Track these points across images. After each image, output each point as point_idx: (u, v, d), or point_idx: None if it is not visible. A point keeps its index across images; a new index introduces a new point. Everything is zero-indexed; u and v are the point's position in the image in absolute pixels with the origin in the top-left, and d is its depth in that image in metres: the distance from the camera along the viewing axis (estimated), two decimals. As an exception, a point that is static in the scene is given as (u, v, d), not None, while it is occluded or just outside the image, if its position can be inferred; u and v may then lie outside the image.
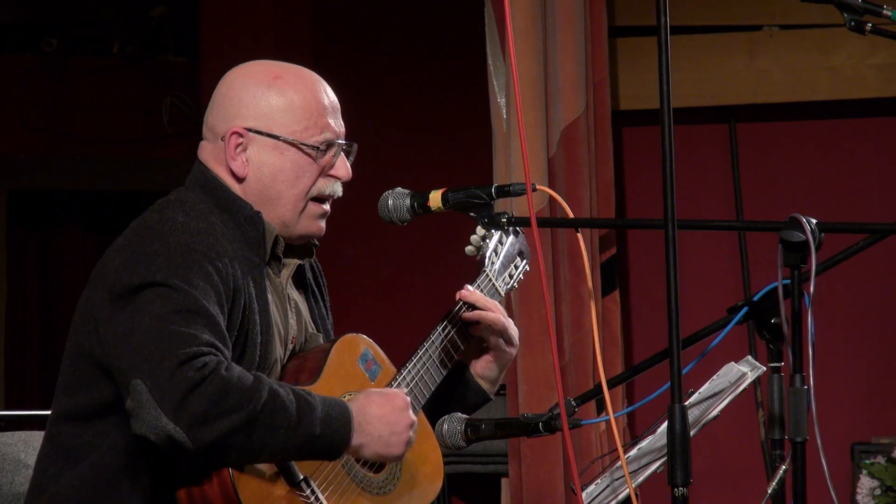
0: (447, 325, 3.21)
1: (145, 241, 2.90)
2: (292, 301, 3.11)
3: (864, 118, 5.90)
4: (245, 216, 3.02)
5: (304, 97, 3.07)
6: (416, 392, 3.14)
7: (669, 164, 2.55)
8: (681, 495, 2.55)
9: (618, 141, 5.78)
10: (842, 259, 3.15)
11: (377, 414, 2.94)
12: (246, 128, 3.04)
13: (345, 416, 2.89)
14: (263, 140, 3.04)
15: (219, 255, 2.90)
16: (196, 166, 3.10)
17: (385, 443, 2.93)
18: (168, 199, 3.04)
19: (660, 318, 3.49)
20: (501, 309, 3.26)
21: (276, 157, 3.05)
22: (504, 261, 3.34)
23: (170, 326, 2.77)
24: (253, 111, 3.05)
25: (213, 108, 3.09)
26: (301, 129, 3.05)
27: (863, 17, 2.99)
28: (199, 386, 2.73)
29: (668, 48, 2.57)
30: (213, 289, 2.86)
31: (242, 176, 3.05)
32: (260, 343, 2.96)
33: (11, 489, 3.31)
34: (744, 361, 3.18)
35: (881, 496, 5.48)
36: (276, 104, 3.05)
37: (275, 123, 3.04)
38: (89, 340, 2.92)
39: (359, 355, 3.12)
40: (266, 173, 3.05)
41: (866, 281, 5.81)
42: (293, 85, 3.07)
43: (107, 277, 2.90)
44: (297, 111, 3.05)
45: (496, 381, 3.34)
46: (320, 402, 2.86)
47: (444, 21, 6.46)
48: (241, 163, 3.04)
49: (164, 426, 2.72)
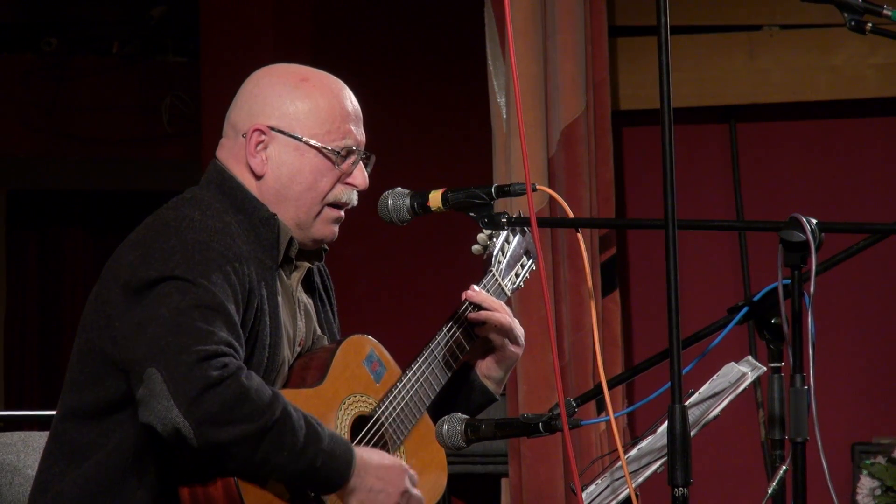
0: (452, 326, 3.21)
1: (161, 236, 2.90)
2: (301, 304, 3.11)
3: (864, 118, 5.90)
4: (260, 218, 3.01)
5: (330, 102, 3.07)
6: (421, 393, 3.14)
7: (669, 164, 2.55)
8: (681, 495, 2.55)
9: (618, 141, 5.78)
10: (842, 259, 3.14)
11: (376, 465, 2.95)
12: (269, 126, 3.04)
13: (347, 455, 2.89)
14: (285, 140, 3.05)
15: (235, 255, 2.91)
16: (212, 165, 3.09)
17: (373, 497, 2.93)
18: (183, 196, 3.03)
19: (660, 318, 3.49)
20: (507, 309, 3.26)
21: (296, 158, 3.05)
22: (510, 260, 3.34)
23: (189, 320, 2.77)
24: (277, 110, 3.05)
25: (237, 106, 3.09)
26: (323, 133, 3.06)
27: (863, 17, 2.99)
28: (217, 386, 2.73)
29: (668, 48, 2.57)
30: (231, 288, 2.86)
31: (261, 174, 3.05)
32: (269, 345, 2.96)
33: (11, 489, 3.30)
34: (744, 361, 3.18)
35: (881, 496, 5.48)
36: (301, 106, 3.05)
37: (298, 124, 3.05)
38: (100, 337, 2.91)
39: (364, 356, 3.12)
40: (284, 173, 3.05)
41: (866, 281, 5.81)
42: (319, 89, 3.08)
43: (120, 273, 2.89)
44: (322, 115, 3.06)
45: (502, 382, 3.34)
46: (328, 437, 2.87)
47: (444, 21, 6.46)
48: (261, 160, 3.04)
49: (174, 418, 2.72)
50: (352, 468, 2.88)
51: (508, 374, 3.35)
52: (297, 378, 3.04)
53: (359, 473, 2.90)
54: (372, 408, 3.09)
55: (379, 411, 3.09)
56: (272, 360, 2.97)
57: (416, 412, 3.13)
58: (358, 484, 2.90)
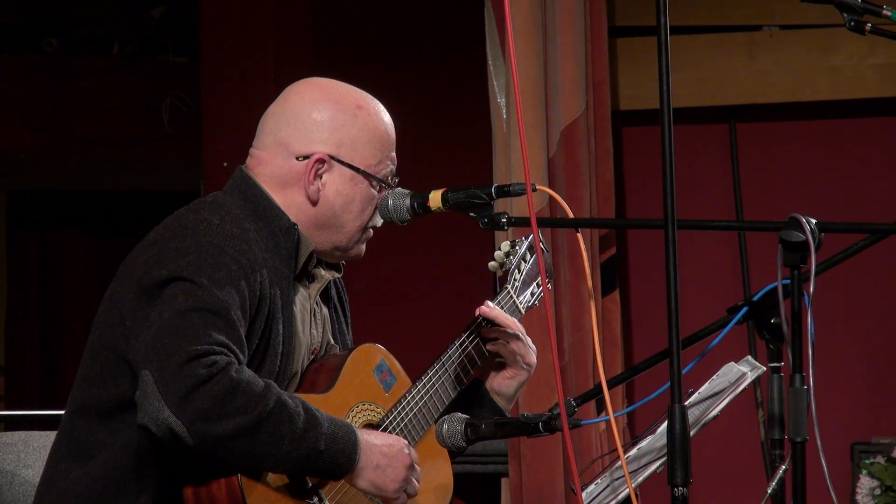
0: (465, 340, 3.20)
1: (177, 237, 2.91)
2: (318, 315, 3.11)
3: (864, 118, 5.90)
4: (281, 227, 3.01)
5: (381, 131, 3.11)
6: (430, 405, 3.14)
7: (669, 164, 2.55)
8: (681, 495, 2.55)
9: (618, 141, 5.78)
10: (842, 259, 3.15)
11: (379, 443, 2.95)
12: (330, 155, 3.04)
13: (351, 436, 2.89)
14: (343, 170, 3.06)
15: (249, 262, 2.91)
16: (239, 173, 3.08)
17: (382, 473, 2.93)
18: (205, 199, 3.04)
19: (660, 318, 3.49)
20: (521, 327, 3.26)
21: (351, 188, 3.07)
22: (526, 278, 3.34)
23: (186, 323, 2.78)
24: (337, 138, 3.06)
25: (289, 125, 3.07)
26: (376, 163, 3.09)
27: (863, 17, 2.99)
28: (206, 383, 2.73)
29: (668, 48, 2.57)
30: (239, 294, 2.86)
31: (315, 200, 3.05)
32: (281, 353, 2.96)
33: (11, 489, 3.30)
34: (744, 361, 3.18)
35: (881, 496, 5.48)
36: (358, 135, 3.07)
37: (357, 155, 3.07)
38: (113, 334, 2.92)
39: (374, 366, 3.12)
40: (339, 203, 3.06)
41: (866, 281, 5.81)
42: (374, 116, 3.11)
43: (135, 271, 2.91)
44: (375, 144, 3.09)
45: (512, 399, 3.32)
46: (327, 420, 2.87)
47: (444, 21, 6.46)
48: (317, 188, 3.05)
49: (166, 418, 2.73)
50: (357, 448, 2.89)
51: (519, 392, 3.33)
52: (307, 384, 3.04)
53: (364, 453, 2.90)
54: (380, 417, 3.09)
55: (387, 421, 3.08)
56: (284, 369, 2.98)
57: (424, 424, 3.13)
58: (366, 463, 2.91)
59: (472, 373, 3.21)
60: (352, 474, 2.90)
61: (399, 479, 2.95)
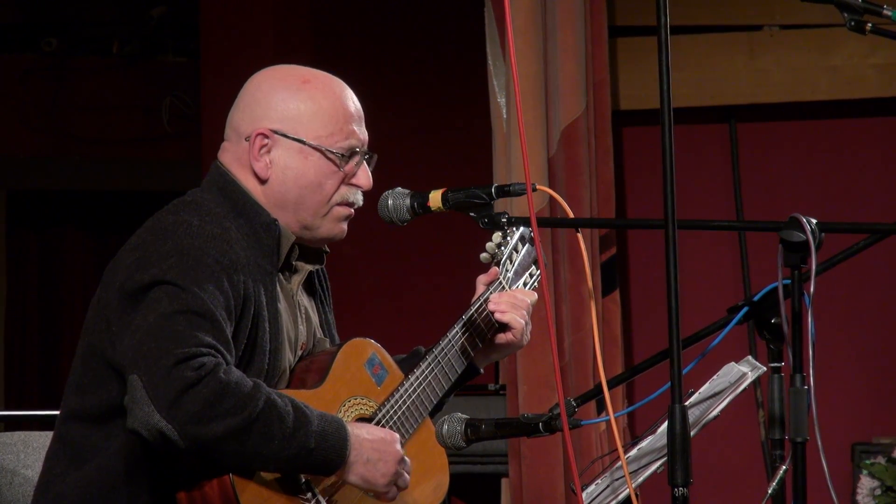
0: (458, 332, 3.21)
1: (158, 240, 2.90)
2: (302, 307, 3.11)
3: (864, 118, 5.90)
4: (261, 223, 3.01)
5: (332, 103, 3.07)
6: (423, 397, 3.14)
7: (669, 164, 2.55)
8: (681, 495, 2.55)
9: (618, 141, 5.79)
10: (842, 259, 3.14)
11: (370, 437, 2.95)
12: (272, 129, 3.04)
13: (341, 432, 2.89)
14: (289, 143, 3.04)
15: (231, 261, 2.90)
16: (214, 167, 3.09)
17: (372, 467, 2.93)
18: (184, 199, 3.03)
19: (660, 318, 3.49)
20: (524, 313, 3.28)
21: (300, 162, 3.05)
22: (518, 269, 3.34)
23: (172, 326, 2.78)
24: (280, 114, 3.04)
25: (239, 109, 3.09)
26: (327, 135, 3.05)
27: (863, 17, 2.99)
28: (195, 386, 2.73)
29: (668, 48, 2.57)
30: (223, 294, 2.86)
31: (265, 178, 3.04)
32: (269, 351, 2.96)
33: (11, 489, 3.30)
34: (744, 361, 3.18)
35: (881, 496, 5.48)
36: (303, 108, 3.05)
37: (301, 127, 3.04)
38: (101, 340, 2.92)
39: (365, 360, 3.12)
40: (289, 177, 3.04)
41: (866, 281, 5.81)
42: (322, 90, 3.07)
43: (118, 276, 2.91)
44: (325, 116, 3.05)
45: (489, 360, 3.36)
46: (317, 417, 2.87)
47: (444, 21, 6.46)
48: (265, 164, 3.04)
49: (157, 423, 2.73)
50: (347, 444, 2.89)
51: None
52: (298, 380, 3.04)
53: (355, 448, 2.91)
54: (372, 411, 3.09)
55: (380, 414, 3.09)
56: (273, 366, 2.98)
57: (418, 416, 3.13)
58: (356, 458, 2.91)
59: (465, 363, 3.22)
60: (342, 470, 2.90)
61: (389, 472, 2.96)
